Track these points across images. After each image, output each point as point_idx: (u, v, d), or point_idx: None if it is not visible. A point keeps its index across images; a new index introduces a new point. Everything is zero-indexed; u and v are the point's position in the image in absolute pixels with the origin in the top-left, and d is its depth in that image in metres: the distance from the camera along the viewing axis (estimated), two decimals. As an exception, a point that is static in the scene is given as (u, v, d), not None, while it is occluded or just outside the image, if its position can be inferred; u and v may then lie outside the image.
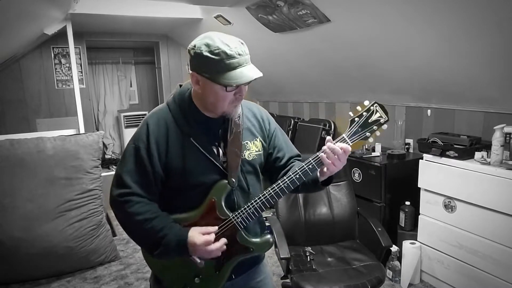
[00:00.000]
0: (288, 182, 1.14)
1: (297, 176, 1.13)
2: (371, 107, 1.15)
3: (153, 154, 1.12)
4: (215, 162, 1.16)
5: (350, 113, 1.18)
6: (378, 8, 2.24)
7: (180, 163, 1.13)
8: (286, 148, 1.32)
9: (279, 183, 1.15)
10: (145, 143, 1.12)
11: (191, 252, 1.12)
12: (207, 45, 1.03)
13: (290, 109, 4.54)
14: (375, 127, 1.15)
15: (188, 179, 1.14)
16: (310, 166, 1.13)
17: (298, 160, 1.32)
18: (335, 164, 1.11)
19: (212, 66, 1.03)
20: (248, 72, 1.05)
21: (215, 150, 1.17)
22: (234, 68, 1.03)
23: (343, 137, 1.15)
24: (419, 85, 2.75)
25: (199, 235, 1.12)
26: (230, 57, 1.02)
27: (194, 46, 1.06)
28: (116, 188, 1.14)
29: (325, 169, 1.14)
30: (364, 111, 1.16)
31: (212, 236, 1.13)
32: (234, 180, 1.17)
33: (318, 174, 1.18)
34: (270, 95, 4.79)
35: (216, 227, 1.15)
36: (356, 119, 1.16)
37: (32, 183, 2.71)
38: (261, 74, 1.06)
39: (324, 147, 1.12)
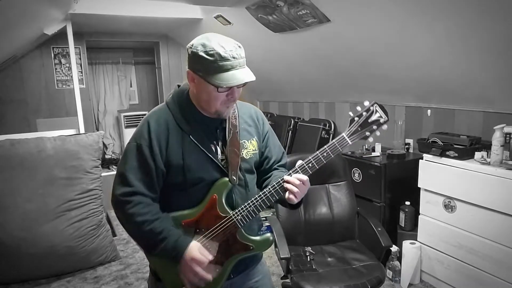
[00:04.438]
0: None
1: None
2: (371, 107, 1.17)
3: (155, 151, 1.14)
4: (213, 159, 1.18)
5: (350, 113, 1.19)
6: (378, 8, 2.24)
7: (179, 160, 1.15)
8: (274, 150, 1.36)
9: (279, 181, 1.17)
10: (147, 140, 1.14)
11: (182, 263, 1.14)
12: (203, 45, 1.06)
13: (290, 109, 4.54)
14: (374, 127, 1.17)
15: (187, 175, 1.16)
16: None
17: (282, 165, 1.36)
18: (295, 193, 1.14)
19: (206, 66, 1.06)
20: (240, 75, 1.07)
21: (213, 148, 1.20)
22: (227, 70, 1.06)
23: (343, 136, 1.17)
24: (419, 85, 2.75)
25: (197, 252, 1.14)
26: (224, 59, 1.05)
27: (192, 45, 1.09)
28: (119, 187, 1.15)
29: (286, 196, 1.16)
30: (364, 111, 1.18)
31: (207, 261, 1.14)
32: (235, 177, 1.20)
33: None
34: (270, 95, 4.80)
35: (212, 256, 1.17)
36: (356, 118, 1.17)
37: (32, 183, 2.71)
38: (253, 78, 1.08)
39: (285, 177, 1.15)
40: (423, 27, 2.20)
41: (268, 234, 1.24)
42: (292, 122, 4.14)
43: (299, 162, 1.18)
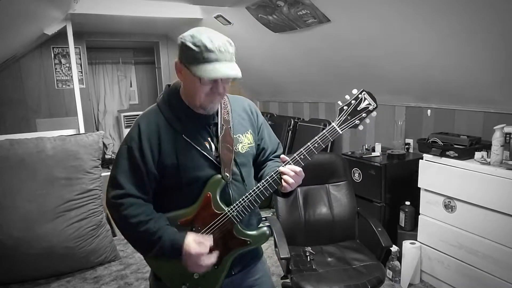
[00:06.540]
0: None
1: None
2: (359, 95, 1.20)
3: (146, 153, 1.13)
4: (208, 156, 1.17)
5: (339, 102, 1.21)
6: (378, 8, 2.24)
7: (174, 160, 1.14)
8: (269, 141, 1.36)
9: (272, 175, 1.17)
10: (137, 142, 1.13)
11: (183, 259, 1.13)
12: (192, 36, 1.06)
13: (290, 109, 4.54)
14: (364, 115, 1.19)
15: (182, 175, 1.15)
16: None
17: (278, 156, 1.36)
18: (290, 184, 1.15)
19: (191, 56, 1.06)
20: (224, 69, 1.05)
21: (207, 145, 1.19)
22: (210, 62, 1.04)
23: (333, 125, 1.18)
24: (419, 85, 2.75)
25: (194, 244, 1.12)
26: (209, 50, 1.04)
27: (183, 36, 1.09)
28: (111, 190, 1.15)
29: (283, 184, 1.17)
30: (353, 99, 1.20)
31: (207, 249, 1.13)
32: (228, 174, 1.19)
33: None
34: (270, 95, 4.79)
35: (212, 240, 1.16)
36: (345, 107, 1.19)
37: (32, 183, 2.71)
38: (239, 74, 1.07)
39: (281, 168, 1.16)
40: (423, 27, 2.20)
41: (265, 228, 1.24)
42: (292, 122, 4.14)
43: (283, 156, 1.19)
